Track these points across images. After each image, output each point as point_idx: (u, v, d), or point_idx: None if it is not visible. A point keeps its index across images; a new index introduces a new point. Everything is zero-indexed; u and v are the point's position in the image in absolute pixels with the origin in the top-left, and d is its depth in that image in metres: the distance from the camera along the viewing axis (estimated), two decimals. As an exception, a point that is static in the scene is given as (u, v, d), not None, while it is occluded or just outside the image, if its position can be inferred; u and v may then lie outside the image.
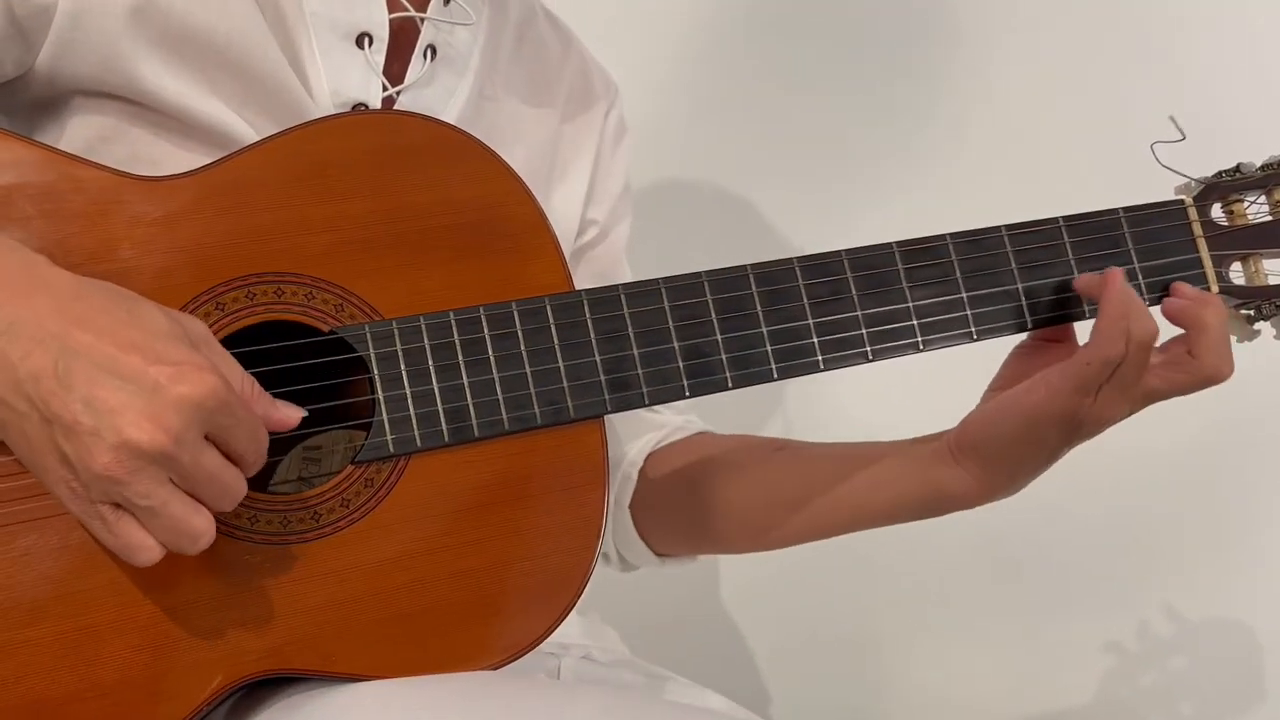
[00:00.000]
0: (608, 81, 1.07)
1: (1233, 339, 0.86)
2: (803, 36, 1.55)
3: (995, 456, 0.85)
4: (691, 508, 1.00)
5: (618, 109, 1.07)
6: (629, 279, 1.04)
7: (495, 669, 0.77)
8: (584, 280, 1.02)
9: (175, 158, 0.81)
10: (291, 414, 0.71)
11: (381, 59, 0.87)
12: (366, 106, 0.87)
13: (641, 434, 1.04)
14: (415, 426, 0.77)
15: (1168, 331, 0.84)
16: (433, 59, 0.90)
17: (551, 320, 0.80)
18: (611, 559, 1.06)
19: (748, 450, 0.99)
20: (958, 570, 1.58)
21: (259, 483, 0.80)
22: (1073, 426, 0.82)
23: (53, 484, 0.66)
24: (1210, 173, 0.89)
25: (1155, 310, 0.85)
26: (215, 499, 0.67)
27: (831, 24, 1.56)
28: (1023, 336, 0.89)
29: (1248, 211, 0.88)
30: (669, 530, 1.02)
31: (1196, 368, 0.81)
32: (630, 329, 0.81)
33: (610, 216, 1.06)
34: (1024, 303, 0.85)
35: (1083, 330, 0.86)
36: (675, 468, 1.02)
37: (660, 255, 1.09)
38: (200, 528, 0.66)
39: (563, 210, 1.00)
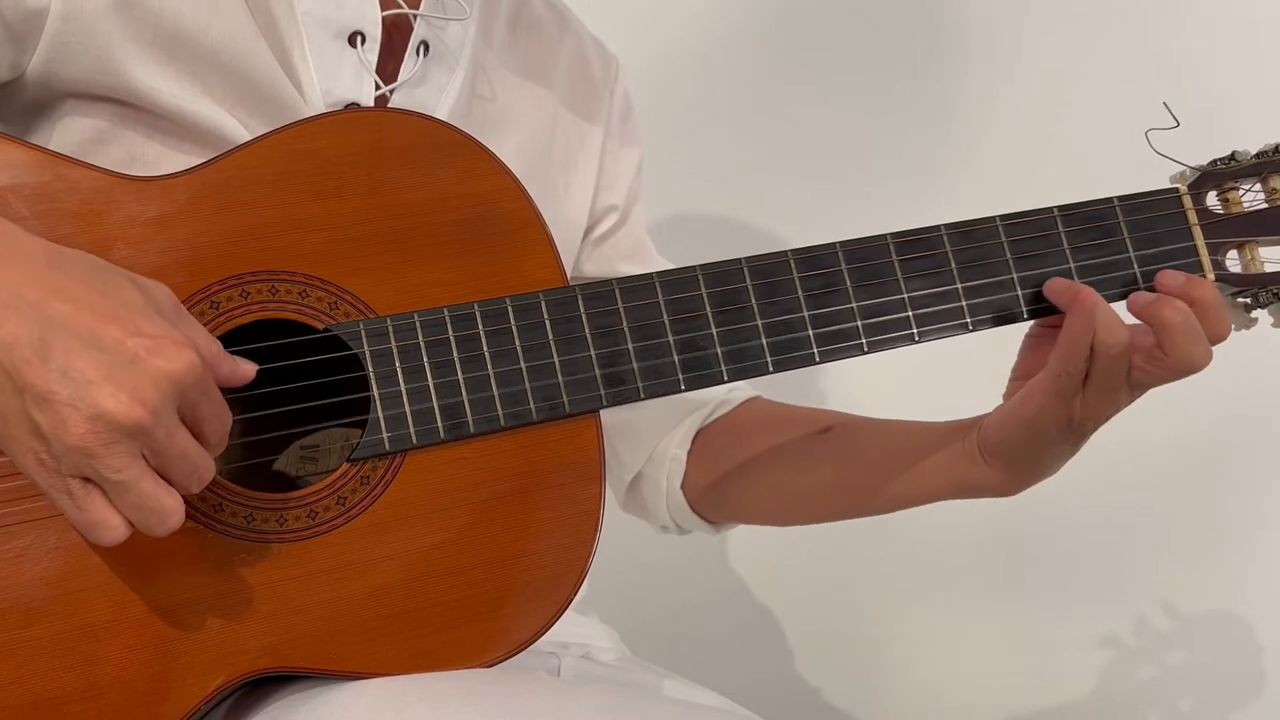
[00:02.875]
0: (607, 58, 1.06)
1: (1230, 327, 0.86)
2: (806, 38, 1.55)
3: (1013, 458, 0.86)
4: (737, 487, 1.02)
5: (621, 85, 1.07)
6: (656, 254, 1.05)
7: (493, 665, 0.77)
8: (615, 264, 1.04)
9: (169, 158, 0.81)
10: (246, 368, 0.70)
11: (374, 58, 0.87)
12: (359, 106, 0.86)
13: (687, 414, 1.05)
14: (411, 424, 0.77)
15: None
16: (425, 56, 0.89)
17: (546, 316, 0.80)
18: (670, 529, 1.09)
19: (792, 429, 1.01)
20: (956, 568, 1.58)
21: (255, 481, 0.79)
22: (1073, 425, 0.83)
23: (20, 455, 0.65)
24: (1205, 161, 0.89)
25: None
26: (184, 478, 0.66)
27: (834, 26, 1.56)
28: (1023, 325, 0.89)
29: (1243, 199, 0.88)
30: (718, 504, 1.05)
31: (1168, 362, 0.82)
32: (625, 324, 0.81)
33: (628, 197, 1.06)
34: (1019, 293, 0.86)
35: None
36: (722, 448, 1.04)
37: (662, 255, 1.09)
38: (170, 506, 0.65)
39: (570, 202, 1.00)
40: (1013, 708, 1.59)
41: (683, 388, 0.81)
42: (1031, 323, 0.88)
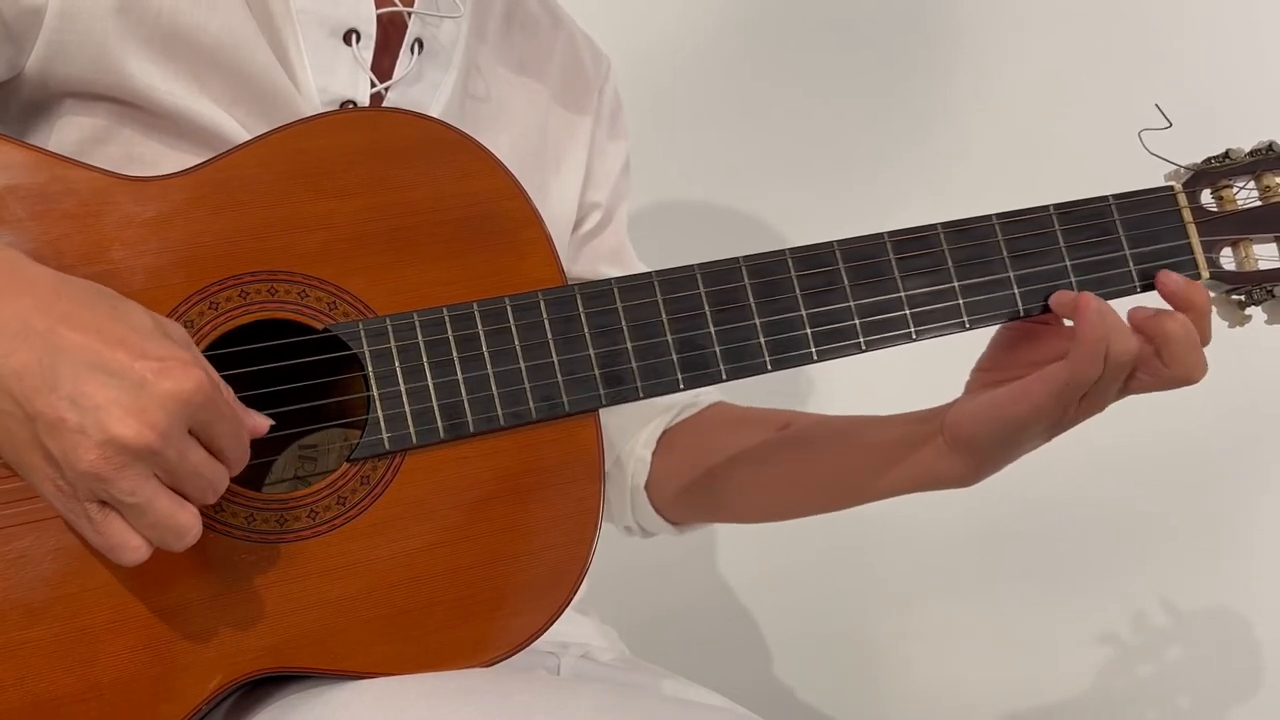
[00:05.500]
0: (599, 57, 1.07)
1: (1224, 324, 0.87)
2: (801, 37, 1.56)
3: (985, 451, 0.86)
4: (701, 485, 1.02)
5: (611, 85, 1.07)
6: (635, 257, 1.06)
7: (493, 664, 0.77)
8: (596, 264, 1.05)
9: (167, 157, 0.82)
10: (259, 423, 0.71)
11: (369, 55, 0.87)
12: (355, 104, 0.87)
13: (653, 416, 1.06)
14: (410, 423, 0.77)
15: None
16: (419, 53, 0.90)
17: (545, 315, 0.80)
18: (634, 530, 1.09)
19: (754, 428, 1.01)
20: (954, 567, 1.59)
21: (255, 482, 0.80)
22: (1057, 427, 0.84)
23: (38, 482, 0.66)
24: (1200, 159, 0.89)
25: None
26: (199, 493, 0.67)
27: (830, 25, 1.56)
28: None
29: (1237, 197, 0.89)
30: (683, 504, 1.05)
31: (1167, 374, 0.83)
32: (624, 323, 0.81)
33: (612, 197, 1.07)
34: (1016, 291, 0.86)
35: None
36: (686, 448, 1.04)
37: (658, 256, 1.10)
38: (187, 523, 0.66)
39: (560, 198, 1.01)
40: (1011, 706, 1.59)
41: (682, 387, 0.81)
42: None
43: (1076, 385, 0.81)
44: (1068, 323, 0.85)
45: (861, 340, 0.84)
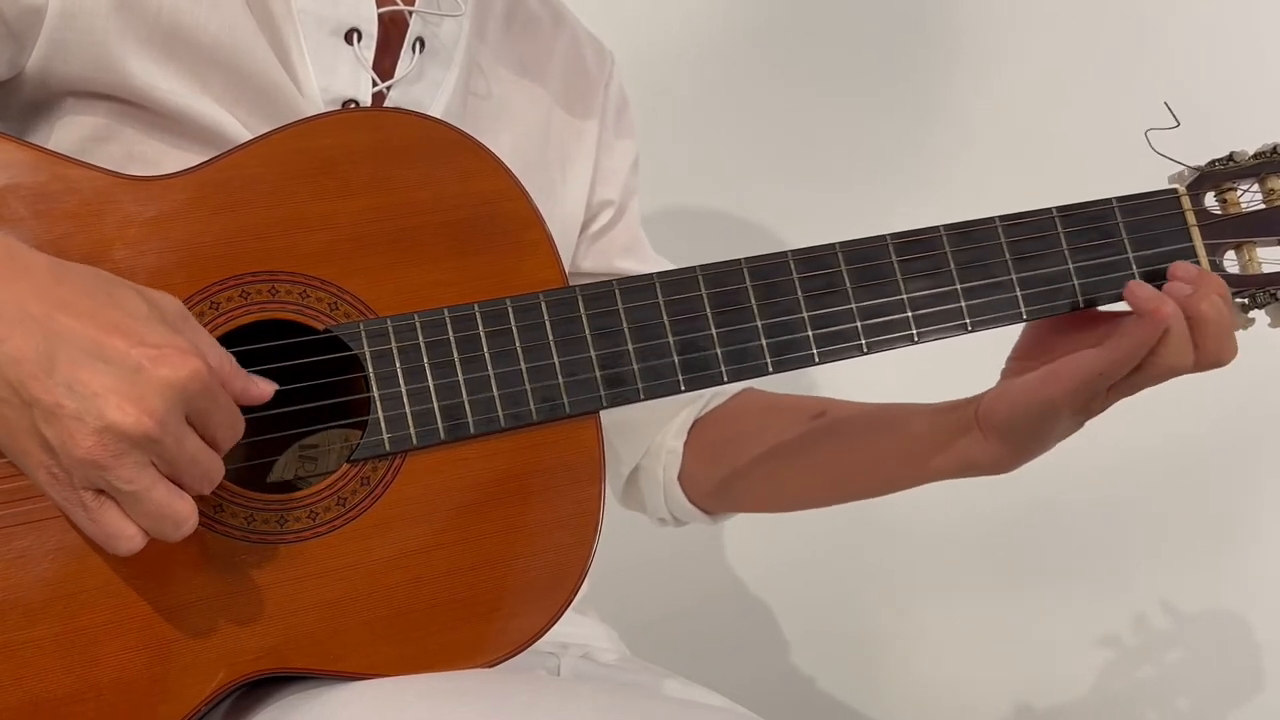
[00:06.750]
0: (602, 54, 1.07)
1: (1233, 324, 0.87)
2: (804, 36, 1.56)
3: (1017, 436, 0.87)
4: (734, 474, 1.03)
5: (616, 81, 1.07)
6: (651, 249, 1.05)
7: (493, 665, 0.77)
8: (611, 259, 1.05)
9: (169, 156, 0.81)
10: (265, 388, 0.70)
11: (371, 54, 0.87)
12: (357, 103, 0.87)
13: (682, 406, 1.06)
14: (411, 424, 0.77)
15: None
16: (420, 52, 0.90)
17: (546, 317, 0.80)
18: (667, 521, 1.09)
19: (786, 416, 1.01)
20: (956, 567, 1.59)
21: (255, 482, 0.79)
22: (1087, 412, 0.84)
23: (33, 470, 0.65)
24: (1204, 161, 0.89)
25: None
26: (196, 482, 0.67)
27: (832, 25, 1.56)
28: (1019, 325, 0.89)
29: (1241, 200, 0.89)
30: (715, 493, 1.05)
31: (1197, 356, 0.82)
32: (625, 324, 0.81)
33: (624, 192, 1.07)
34: (1019, 294, 0.86)
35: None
36: (717, 437, 1.04)
37: (658, 255, 1.10)
38: (184, 512, 0.66)
39: (565, 199, 1.01)
40: (1012, 706, 1.59)
41: (683, 388, 0.81)
42: None
43: (1108, 376, 0.81)
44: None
45: (863, 342, 0.84)
